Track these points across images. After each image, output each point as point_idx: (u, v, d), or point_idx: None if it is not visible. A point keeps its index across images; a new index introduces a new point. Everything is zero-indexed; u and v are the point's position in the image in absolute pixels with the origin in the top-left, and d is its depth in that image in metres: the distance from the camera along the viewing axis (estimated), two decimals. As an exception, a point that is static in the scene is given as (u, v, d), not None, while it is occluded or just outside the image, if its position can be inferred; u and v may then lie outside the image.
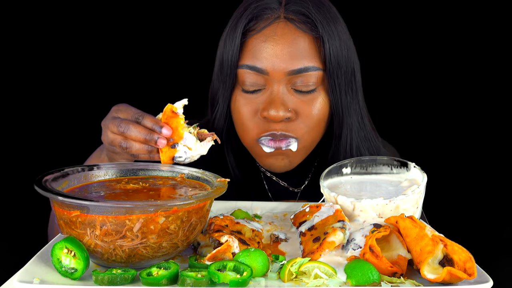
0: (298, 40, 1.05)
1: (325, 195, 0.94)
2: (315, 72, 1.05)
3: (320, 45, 1.06)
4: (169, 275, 0.74)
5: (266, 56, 1.04)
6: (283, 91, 1.06)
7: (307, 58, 1.05)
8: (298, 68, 1.04)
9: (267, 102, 1.06)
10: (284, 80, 1.05)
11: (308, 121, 1.08)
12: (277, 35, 1.05)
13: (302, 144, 1.10)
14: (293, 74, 1.04)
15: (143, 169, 0.97)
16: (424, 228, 0.77)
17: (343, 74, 1.08)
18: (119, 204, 0.75)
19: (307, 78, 1.05)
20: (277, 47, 1.04)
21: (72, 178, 0.89)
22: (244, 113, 1.09)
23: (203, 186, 0.91)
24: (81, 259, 0.75)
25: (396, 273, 0.76)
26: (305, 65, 1.04)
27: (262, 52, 1.05)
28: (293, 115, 1.07)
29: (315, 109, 1.08)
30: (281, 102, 1.05)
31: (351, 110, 1.12)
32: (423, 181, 0.92)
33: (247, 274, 0.73)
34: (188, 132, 0.96)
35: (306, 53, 1.05)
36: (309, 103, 1.07)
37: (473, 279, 0.72)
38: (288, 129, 1.07)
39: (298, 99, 1.07)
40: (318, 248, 0.79)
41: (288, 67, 1.04)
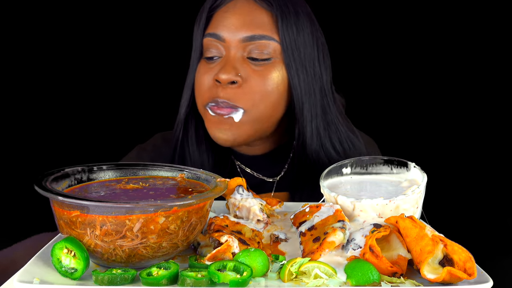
0: (255, 12, 1.12)
1: (325, 195, 0.94)
2: (270, 41, 1.11)
3: (277, 21, 1.11)
4: (169, 275, 0.74)
5: (224, 25, 1.12)
6: (237, 58, 1.11)
7: (262, 28, 1.11)
8: (252, 35, 1.10)
9: (220, 66, 1.11)
10: (240, 47, 1.11)
11: (256, 90, 1.10)
12: (237, 8, 1.13)
13: (249, 117, 1.11)
14: (247, 41, 1.10)
15: (143, 169, 0.97)
16: (424, 228, 0.77)
17: (301, 53, 1.12)
18: (119, 204, 0.75)
19: (261, 47, 1.10)
20: (234, 17, 1.12)
21: (72, 178, 0.89)
22: (201, 80, 1.14)
23: (203, 186, 0.91)
24: (81, 259, 0.75)
25: (396, 273, 0.76)
26: (259, 33, 1.10)
27: (222, 21, 1.13)
28: (241, 81, 1.10)
29: (266, 79, 1.11)
30: (232, 66, 1.10)
31: (311, 91, 1.14)
32: (423, 181, 0.92)
33: (247, 274, 0.73)
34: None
35: (261, 24, 1.11)
36: (260, 72, 1.11)
37: (473, 279, 0.72)
38: (234, 97, 1.10)
39: (250, 67, 1.11)
40: (318, 248, 0.79)
41: (242, 34, 1.10)
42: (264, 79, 1.11)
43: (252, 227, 0.91)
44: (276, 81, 1.12)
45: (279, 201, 1.04)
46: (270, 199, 1.04)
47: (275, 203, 1.04)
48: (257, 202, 0.96)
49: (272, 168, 1.25)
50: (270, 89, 1.11)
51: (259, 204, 0.96)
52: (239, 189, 0.99)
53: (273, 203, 1.04)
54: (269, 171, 1.26)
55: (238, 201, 0.97)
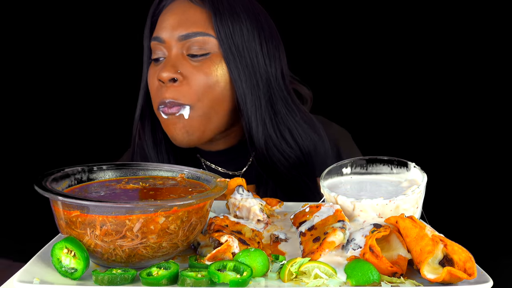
0: (189, 11, 1.16)
1: (325, 195, 0.94)
2: (205, 37, 1.14)
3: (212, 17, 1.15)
4: (169, 275, 0.74)
5: (163, 26, 1.17)
6: (177, 56, 1.15)
7: (196, 25, 1.15)
8: (187, 33, 1.14)
9: (162, 66, 1.15)
10: (178, 46, 1.15)
11: (197, 85, 1.14)
12: (173, 9, 1.18)
13: (197, 112, 1.15)
14: (183, 39, 1.15)
15: (143, 169, 0.97)
16: (424, 228, 0.77)
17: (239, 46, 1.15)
18: (119, 204, 0.75)
19: (198, 43, 1.14)
20: (171, 18, 1.17)
21: (72, 178, 0.89)
22: (150, 82, 1.20)
23: (203, 186, 0.91)
24: (81, 259, 0.75)
25: (396, 273, 0.76)
26: (193, 30, 1.15)
27: (161, 24, 1.18)
28: (181, 78, 1.14)
29: (206, 74, 1.14)
30: (170, 65, 1.14)
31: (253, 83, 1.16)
32: (423, 181, 0.92)
33: (247, 274, 0.73)
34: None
35: (196, 22, 1.15)
36: (199, 67, 1.15)
37: (473, 279, 0.72)
38: (178, 96, 1.14)
39: (190, 64, 1.15)
40: (318, 248, 0.79)
41: (179, 33, 1.15)
42: (204, 74, 1.14)
43: (252, 227, 0.91)
44: (216, 74, 1.15)
45: (279, 201, 1.05)
46: (270, 199, 1.05)
47: (275, 203, 1.04)
48: (257, 202, 0.96)
49: (237, 162, 1.28)
50: (211, 83, 1.15)
51: (259, 204, 0.96)
52: (239, 189, 0.99)
53: (273, 203, 1.04)
54: (234, 166, 1.28)
55: (238, 201, 0.97)
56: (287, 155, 1.20)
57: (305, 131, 1.22)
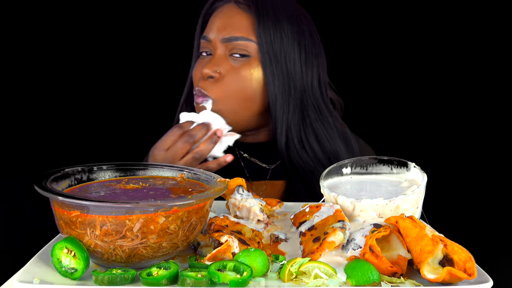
0: (236, 16, 1.25)
1: (325, 195, 0.94)
2: (246, 42, 1.24)
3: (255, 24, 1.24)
4: (169, 275, 0.74)
5: (212, 28, 1.27)
6: (220, 56, 1.25)
7: (240, 30, 1.24)
8: (229, 37, 1.24)
9: (205, 63, 1.27)
10: (222, 47, 1.25)
11: (229, 84, 1.23)
12: (222, 13, 1.28)
13: (218, 107, 1.24)
14: (227, 41, 1.24)
15: (143, 169, 0.97)
16: (424, 228, 0.77)
17: (277, 53, 1.24)
18: (119, 204, 0.75)
19: (240, 46, 1.24)
20: (219, 21, 1.27)
21: (72, 178, 0.89)
22: (194, 73, 1.30)
23: (203, 186, 0.91)
24: (81, 259, 0.75)
25: (396, 273, 0.76)
26: (236, 35, 1.24)
27: (210, 25, 1.29)
28: (218, 77, 1.24)
29: (239, 76, 1.24)
30: (212, 63, 1.25)
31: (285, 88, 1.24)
32: (423, 181, 0.92)
33: (247, 274, 0.73)
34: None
35: (240, 27, 1.24)
36: (237, 69, 1.24)
37: (473, 279, 0.72)
38: (208, 88, 1.24)
39: (230, 65, 1.25)
40: (318, 248, 0.79)
41: (222, 35, 1.25)
42: (237, 75, 1.24)
43: (252, 227, 0.91)
44: (250, 77, 1.24)
45: (279, 202, 1.05)
46: (270, 199, 1.05)
47: (275, 203, 1.04)
48: (257, 202, 0.96)
49: (268, 157, 1.36)
50: (244, 85, 1.24)
51: (259, 204, 0.96)
52: (239, 189, 0.99)
53: (273, 203, 1.04)
54: (266, 160, 1.36)
55: (238, 201, 0.97)
56: (305, 159, 1.26)
57: (334, 139, 1.28)
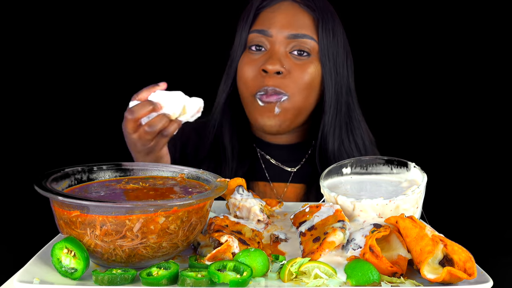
0: (299, 14, 1.26)
1: (325, 195, 0.94)
2: (310, 40, 1.25)
3: (317, 24, 1.26)
4: (169, 275, 0.74)
5: (272, 23, 1.26)
6: (282, 52, 1.24)
7: (304, 28, 1.25)
8: (296, 33, 1.24)
9: (266, 59, 1.24)
10: (284, 43, 1.24)
11: (298, 80, 1.23)
12: (282, 9, 1.27)
13: (292, 103, 1.24)
14: (291, 38, 1.24)
15: (143, 169, 0.97)
16: (424, 228, 0.77)
17: (334, 54, 1.26)
18: (119, 204, 0.75)
19: (303, 44, 1.24)
20: (281, 16, 1.26)
21: (72, 178, 0.89)
22: (246, 69, 1.27)
23: (203, 186, 0.91)
24: (81, 259, 0.75)
25: (396, 273, 0.76)
26: (301, 32, 1.24)
27: (269, 20, 1.26)
28: (285, 72, 1.23)
29: (305, 72, 1.24)
30: (277, 58, 1.23)
31: (338, 88, 1.28)
32: (423, 181, 0.92)
33: (247, 274, 0.73)
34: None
35: (304, 25, 1.25)
36: (301, 66, 1.24)
37: (473, 279, 0.72)
38: (280, 85, 1.22)
39: (292, 61, 1.24)
40: (318, 248, 0.79)
41: (288, 32, 1.24)
42: (304, 72, 1.24)
43: (253, 227, 0.91)
44: (313, 75, 1.25)
45: (278, 202, 1.05)
46: (270, 200, 1.05)
47: (274, 203, 1.04)
48: (257, 202, 0.96)
49: (291, 160, 1.36)
50: (309, 81, 1.25)
51: (259, 205, 0.96)
52: (239, 189, 0.99)
53: (273, 203, 1.04)
54: (288, 163, 1.36)
55: (238, 201, 0.97)
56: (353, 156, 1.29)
57: (365, 142, 1.33)
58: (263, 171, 1.35)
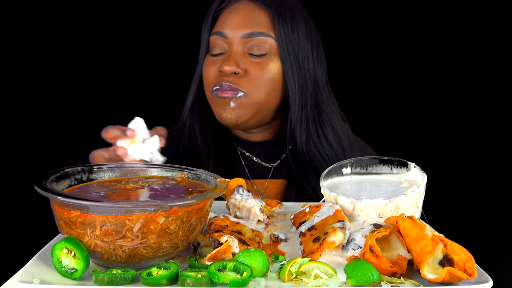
0: (254, 13, 1.25)
1: (325, 195, 0.94)
2: (267, 38, 1.24)
3: (274, 20, 1.24)
4: (169, 275, 0.74)
5: (227, 24, 1.26)
6: (239, 53, 1.24)
7: (260, 26, 1.24)
8: (251, 32, 1.23)
9: (224, 60, 1.25)
10: (241, 43, 1.24)
11: (256, 79, 1.23)
12: (238, 9, 1.27)
13: (249, 99, 1.24)
14: (247, 37, 1.24)
15: (143, 169, 0.97)
16: (424, 228, 0.77)
17: (295, 49, 1.25)
18: (119, 204, 0.75)
19: (260, 43, 1.24)
20: (236, 17, 1.26)
21: (72, 178, 0.89)
22: (207, 71, 1.28)
23: (203, 186, 0.91)
24: (81, 259, 0.75)
25: (396, 273, 0.76)
26: (257, 30, 1.24)
27: (225, 21, 1.27)
28: (242, 73, 1.23)
29: (264, 70, 1.23)
30: (234, 60, 1.23)
31: (303, 83, 1.26)
32: (423, 181, 0.92)
33: (247, 274, 0.73)
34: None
35: (260, 23, 1.24)
36: (259, 65, 1.24)
37: (473, 279, 0.72)
38: (236, 82, 1.23)
39: (250, 61, 1.24)
40: (318, 248, 0.79)
41: (243, 31, 1.24)
42: (262, 70, 1.24)
43: (253, 227, 0.91)
44: (272, 72, 1.24)
45: (278, 202, 1.05)
46: (270, 200, 1.05)
47: (274, 204, 1.04)
48: (257, 203, 0.96)
49: (270, 155, 1.36)
50: (268, 78, 1.24)
51: (259, 205, 0.96)
52: (239, 189, 0.99)
53: (273, 204, 1.04)
54: (268, 159, 1.37)
55: (238, 202, 0.97)
56: (324, 153, 1.29)
57: (339, 135, 1.31)
58: (243, 169, 1.36)
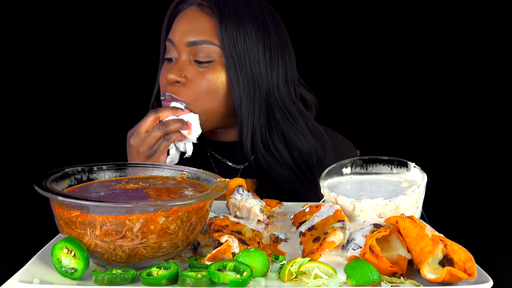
0: (199, 19, 1.24)
1: (325, 195, 0.94)
2: (210, 46, 1.22)
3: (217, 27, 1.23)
4: (169, 275, 0.74)
5: (175, 31, 1.26)
6: (185, 61, 1.24)
7: (203, 34, 1.23)
8: (194, 40, 1.23)
9: (170, 67, 1.25)
10: (186, 51, 1.24)
11: (197, 88, 1.23)
12: (186, 16, 1.26)
13: (193, 110, 1.23)
14: (191, 45, 1.23)
15: (143, 169, 0.97)
16: (424, 228, 0.77)
17: (241, 55, 1.22)
18: (119, 204, 0.75)
19: (204, 51, 1.22)
20: (182, 24, 1.25)
21: (72, 178, 0.89)
22: (161, 78, 1.29)
23: (203, 186, 0.91)
24: (81, 259, 0.75)
25: (396, 273, 0.76)
26: (200, 38, 1.23)
27: (174, 28, 1.27)
28: (184, 81, 1.23)
29: (206, 79, 1.23)
30: (177, 68, 1.23)
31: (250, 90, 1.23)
32: (423, 181, 0.92)
33: (247, 274, 0.73)
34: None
35: (204, 30, 1.23)
36: (202, 73, 1.23)
37: (473, 279, 0.72)
38: (178, 92, 1.23)
39: (195, 69, 1.23)
40: (318, 248, 0.79)
41: (187, 39, 1.23)
42: (206, 79, 1.23)
43: (253, 227, 0.91)
44: (216, 81, 1.23)
45: (278, 202, 1.05)
46: (270, 200, 1.05)
47: (274, 204, 1.04)
48: (257, 203, 0.96)
49: (239, 157, 1.33)
50: (212, 88, 1.23)
51: (259, 205, 0.96)
52: (239, 189, 0.99)
53: (273, 204, 1.04)
54: (237, 160, 1.35)
55: (238, 202, 0.97)
56: (270, 161, 1.25)
57: (306, 138, 1.27)
58: (213, 170, 1.35)
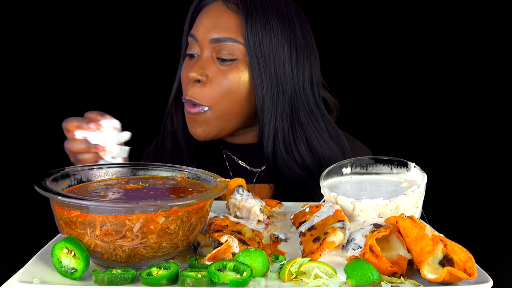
0: (224, 15, 1.19)
1: (325, 195, 0.94)
2: (235, 43, 1.18)
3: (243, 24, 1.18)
4: (169, 275, 0.74)
5: (199, 26, 1.21)
6: (207, 58, 1.20)
7: (228, 31, 1.18)
8: (218, 37, 1.18)
9: (193, 64, 1.21)
10: (209, 48, 1.19)
11: (218, 88, 1.18)
12: (210, 11, 1.21)
13: (215, 113, 1.19)
14: (214, 42, 1.19)
15: (143, 169, 0.97)
16: (424, 228, 0.77)
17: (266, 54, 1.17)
18: (119, 204, 0.75)
19: (227, 48, 1.18)
20: (207, 20, 1.20)
21: (72, 178, 0.89)
22: (182, 74, 1.25)
23: (203, 186, 0.91)
24: (81, 259, 0.75)
25: (396, 273, 0.76)
26: (225, 35, 1.18)
27: (198, 23, 1.22)
28: (206, 80, 1.18)
29: (227, 78, 1.18)
30: (199, 66, 1.19)
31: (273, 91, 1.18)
32: (423, 181, 0.92)
33: (247, 274, 0.73)
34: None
35: (229, 27, 1.18)
36: (225, 72, 1.18)
37: (473, 279, 0.72)
38: (198, 96, 1.18)
39: (217, 67, 1.19)
40: (318, 248, 0.79)
41: (211, 36, 1.19)
42: (228, 79, 1.18)
43: (253, 227, 0.91)
44: (238, 81, 1.19)
45: (278, 202, 1.05)
46: (270, 200, 1.05)
47: (274, 204, 1.04)
48: (257, 203, 0.96)
49: (256, 159, 1.31)
50: (233, 88, 1.19)
51: (259, 205, 0.96)
52: (239, 189, 0.99)
53: (273, 204, 1.04)
54: (253, 162, 1.32)
55: (238, 202, 0.97)
56: (291, 166, 1.21)
57: (326, 142, 1.23)
58: (227, 171, 1.32)
